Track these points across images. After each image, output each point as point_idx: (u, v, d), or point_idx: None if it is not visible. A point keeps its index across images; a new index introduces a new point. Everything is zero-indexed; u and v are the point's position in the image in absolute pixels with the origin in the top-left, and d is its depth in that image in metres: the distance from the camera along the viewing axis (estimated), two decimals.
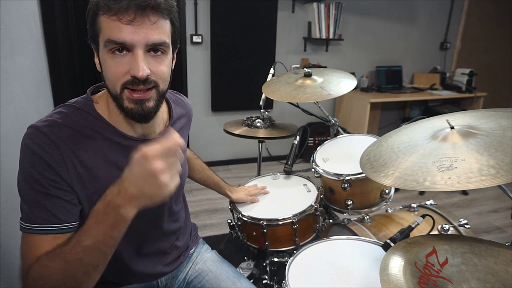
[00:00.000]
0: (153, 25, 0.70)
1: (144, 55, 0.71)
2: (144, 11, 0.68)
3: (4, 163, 1.26)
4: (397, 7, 3.76)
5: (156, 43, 0.71)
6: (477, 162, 0.75)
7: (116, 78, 0.72)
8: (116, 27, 0.68)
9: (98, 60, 0.77)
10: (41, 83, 1.89)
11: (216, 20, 3.13)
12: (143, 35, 0.69)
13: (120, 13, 0.68)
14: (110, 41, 0.69)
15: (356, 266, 1.01)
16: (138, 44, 0.70)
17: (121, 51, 0.70)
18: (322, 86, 1.59)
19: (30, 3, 1.80)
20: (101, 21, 0.70)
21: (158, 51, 0.73)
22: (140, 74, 0.70)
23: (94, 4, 0.71)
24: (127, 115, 0.76)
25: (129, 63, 0.71)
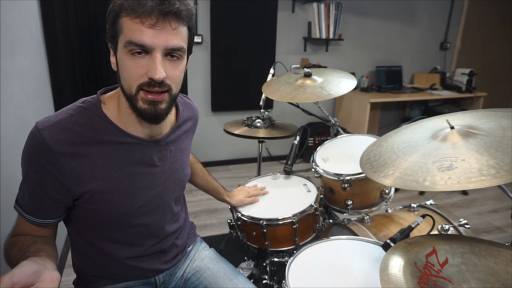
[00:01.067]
0: (174, 31, 0.73)
1: (162, 58, 0.73)
2: (166, 16, 0.71)
3: (4, 163, 1.26)
4: (397, 7, 3.76)
5: (174, 48, 0.74)
6: (477, 162, 0.75)
7: (133, 79, 0.74)
8: (138, 30, 0.71)
9: (115, 59, 0.79)
10: (41, 83, 1.89)
11: (216, 20, 3.13)
12: (163, 40, 0.72)
13: (143, 17, 0.70)
14: (131, 43, 0.71)
15: (356, 266, 1.01)
16: (158, 47, 0.72)
17: (140, 53, 0.73)
18: (322, 86, 1.59)
19: (30, 3, 1.80)
20: (123, 22, 0.72)
21: (175, 56, 0.76)
22: (157, 77, 0.72)
23: (117, 5, 0.72)
24: (140, 115, 0.79)
25: (147, 65, 0.73)
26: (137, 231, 0.94)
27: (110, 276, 0.98)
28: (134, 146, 0.85)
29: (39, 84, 1.84)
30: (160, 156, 0.92)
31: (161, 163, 0.92)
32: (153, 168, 0.90)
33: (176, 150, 0.97)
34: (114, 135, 0.82)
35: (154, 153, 0.90)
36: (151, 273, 1.02)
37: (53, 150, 0.75)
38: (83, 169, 0.78)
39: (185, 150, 1.03)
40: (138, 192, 0.88)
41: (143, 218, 0.93)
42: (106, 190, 0.83)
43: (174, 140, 0.96)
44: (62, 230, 2.09)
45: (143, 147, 0.87)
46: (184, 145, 1.01)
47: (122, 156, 0.84)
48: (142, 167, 0.88)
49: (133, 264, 0.97)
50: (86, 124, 0.79)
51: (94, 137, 0.80)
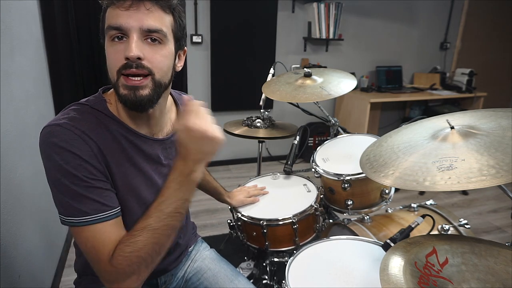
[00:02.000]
0: (148, 11, 0.73)
1: (138, 40, 0.73)
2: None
3: (4, 163, 1.26)
4: (397, 7, 3.76)
5: (151, 29, 0.73)
6: (477, 162, 0.75)
7: (114, 65, 0.74)
8: (115, 14, 0.72)
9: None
10: (41, 83, 1.89)
11: (216, 20, 3.13)
12: (137, 20, 0.72)
13: (119, 2, 0.72)
14: (109, 27, 0.73)
15: (356, 266, 1.01)
16: (133, 28, 0.72)
17: (120, 38, 0.73)
18: (322, 86, 1.59)
19: (30, 3, 1.80)
20: (106, 13, 0.75)
21: (155, 39, 0.75)
22: (131, 54, 0.71)
23: (103, 1, 0.75)
24: (122, 102, 0.77)
25: (125, 48, 0.73)
26: None
27: None
28: (141, 144, 0.85)
29: (39, 84, 1.84)
30: (166, 154, 0.92)
31: (167, 161, 0.93)
32: (159, 167, 0.91)
33: None
34: (124, 132, 0.82)
35: (160, 151, 0.90)
36: (154, 274, 1.01)
37: (84, 139, 0.73)
38: (106, 162, 0.77)
39: None
40: (147, 190, 0.88)
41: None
42: (121, 186, 0.81)
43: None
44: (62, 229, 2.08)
45: (150, 145, 0.87)
46: None
47: (133, 153, 0.83)
48: (151, 164, 0.88)
49: None
50: (96, 121, 0.78)
51: (107, 134, 0.79)
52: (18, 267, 1.33)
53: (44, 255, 1.67)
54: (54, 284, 1.76)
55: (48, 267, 1.73)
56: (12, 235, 1.28)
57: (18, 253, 1.33)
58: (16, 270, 1.30)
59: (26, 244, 1.43)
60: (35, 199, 1.57)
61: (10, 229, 1.26)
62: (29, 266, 1.45)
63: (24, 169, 1.45)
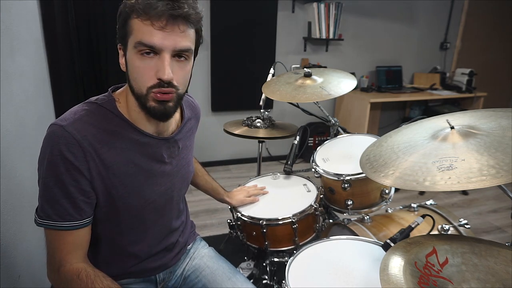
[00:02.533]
0: (182, 33, 0.75)
1: (170, 59, 0.76)
2: (176, 20, 0.73)
3: (4, 163, 1.26)
4: (397, 7, 3.76)
5: (182, 49, 0.77)
6: (477, 162, 0.75)
7: (144, 80, 0.77)
8: (148, 31, 0.73)
9: (125, 60, 0.81)
10: (41, 83, 1.89)
11: (216, 20, 3.13)
12: (172, 41, 0.74)
13: (153, 19, 0.72)
14: (140, 43, 0.74)
15: (356, 266, 1.01)
16: (166, 49, 0.74)
17: (148, 54, 0.75)
18: (322, 86, 1.59)
19: (30, 3, 1.80)
20: (134, 23, 0.75)
21: (182, 56, 0.78)
22: (166, 77, 0.75)
23: (128, 7, 0.75)
24: (149, 113, 0.81)
25: (156, 66, 0.75)
26: (146, 227, 0.95)
27: (114, 272, 0.97)
28: (147, 143, 0.88)
29: (39, 84, 1.84)
30: (169, 153, 0.94)
31: (170, 160, 0.95)
32: (163, 165, 0.93)
33: (183, 147, 0.99)
34: (130, 132, 0.85)
35: (164, 150, 0.92)
36: (153, 271, 1.03)
37: (81, 146, 0.76)
38: (103, 166, 0.80)
39: (190, 148, 1.06)
40: (150, 188, 0.90)
41: (153, 214, 0.94)
42: (123, 186, 0.84)
43: (181, 138, 0.98)
44: None
45: (155, 144, 0.90)
46: (189, 142, 1.04)
47: (137, 152, 0.86)
48: (154, 163, 0.90)
49: (139, 260, 0.98)
50: (104, 121, 0.81)
51: (114, 134, 0.82)
52: (18, 267, 1.33)
53: (44, 255, 1.67)
54: None
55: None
56: (12, 235, 1.28)
57: (18, 253, 1.33)
58: (16, 270, 1.30)
59: (26, 244, 1.43)
60: (35, 199, 1.57)
61: (10, 229, 1.26)
62: (29, 266, 1.45)
63: (24, 169, 1.45)
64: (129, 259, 0.96)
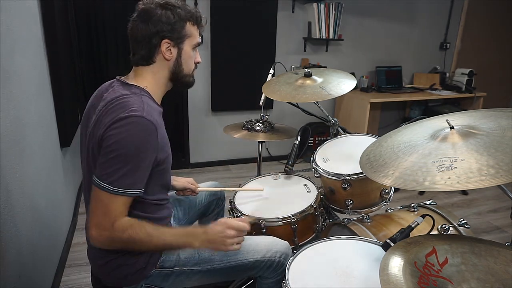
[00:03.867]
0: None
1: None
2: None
3: (4, 163, 1.26)
4: (397, 7, 3.76)
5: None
6: (477, 162, 0.75)
7: (192, 64, 1.12)
8: (197, 35, 1.10)
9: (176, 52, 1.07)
10: (41, 83, 1.89)
11: (216, 20, 3.13)
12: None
13: (200, 26, 1.11)
14: (197, 43, 1.10)
15: (356, 266, 1.01)
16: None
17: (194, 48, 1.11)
18: (322, 86, 1.59)
19: (30, 3, 1.80)
20: (190, 28, 1.07)
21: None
22: (200, 61, 1.16)
23: (188, 13, 1.05)
24: (190, 86, 1.16)
25: (195, 56, 1.13)
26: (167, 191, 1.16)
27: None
28: (160, 113, 1.07)
29: (39, 84, 1.84)
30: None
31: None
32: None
33: None
34: (159, 109, 1.05)
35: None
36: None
37: (156, 129, 0.95)
38: (161, 139, 0.99)
39: None
40: (168, 148, 1.08)
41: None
42: (166, 151, 1.03)
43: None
44: (62, 229, 2.08)
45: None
46: None
47: (163, 122, 1.05)
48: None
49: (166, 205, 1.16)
50: (154, 105, 1.03)
51: (159, 113, 1.03)
52: (18, 267, 1.33)
53: (44, 255, 1.67)
54: (54, 284, 1.76)
55: (48, 267, 1.73)
56: (12, 235, 1.28)
57: (18, 253, 1.33)
58: (16, 270, 1.31)
59: (26, 244, 1.43)
60: (36, 199, 1.57)
61: (10, 229, 1.26)
62: (29, 266, 1.45)
63: (24, 169, 1.46)
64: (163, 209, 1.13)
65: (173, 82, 1.12)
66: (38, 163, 1.64)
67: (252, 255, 1.13)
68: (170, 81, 1.11)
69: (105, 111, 0.97)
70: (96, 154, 0.96)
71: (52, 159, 1.93)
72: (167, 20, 1.01)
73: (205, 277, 1.13)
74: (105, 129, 0.93)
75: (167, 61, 1.06)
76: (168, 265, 1.08)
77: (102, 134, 0.93)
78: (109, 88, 1.06)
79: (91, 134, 0.99)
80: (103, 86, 1.11)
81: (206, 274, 1.11)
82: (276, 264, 1.14)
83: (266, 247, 1.14)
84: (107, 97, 1.01)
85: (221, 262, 1.11)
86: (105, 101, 1.00)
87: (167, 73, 1.09)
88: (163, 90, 1.11)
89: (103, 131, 0.93)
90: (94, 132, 0.97)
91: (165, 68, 1.08)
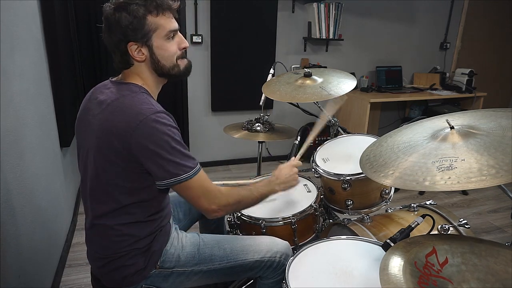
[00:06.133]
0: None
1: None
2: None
3: (4, 163, 1.26)
4: (397, 7, 3.76)
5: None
6: (477, 162, 0.75)
7: (173, 54, 1.05)
8: (169, 22, 1.01)
9: (148, 50, 1.02)
10: (41, 83, 1.89)
11: (216, 20, 3.13)
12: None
13: (165, 12, 1.01)
14: (170, 31, 1.02)
15: (356, 266, 1.01)
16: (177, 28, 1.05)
17: (173, 37, 1.04)
18: (322, 86, 1.59)
19: (30, 3, 1.80)
20: (153, 20, 0.98)
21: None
22: (188, 45, 1.09)
23: (143, 6, 0.97)
24: (183, 75, 1.10)
25: (179, 42, 1.06)
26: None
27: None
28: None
29: (39, 84, 1.84)
30: None
31: None
32: None
33: None
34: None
35: None
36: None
37: (172, 118, 1.00)
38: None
39: None
40: None
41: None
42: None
43: None
44: (62, 229, 2.08)
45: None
46: None
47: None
48: None
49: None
50: (153, 101, 1.01)
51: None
52: (18, 267, 1.33)
53: (44, 255, 1.67)
54: (54, 284, 1.76)
55: (48, 267, 1.73)
56: (12, 235, 1.28)
57: (18, 253, 1.33)
58: (16, 270, 1.31)
59: (26, 244, 1.43)
60: (35, 199, 1.57)
61: (10, 229, 1.26)
62: (29, 266, 1.45)
63: (24, 169, 1.45)
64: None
65: (163, 77, 1.08)
66: (38, 163, 1.64)
67: (252, 256, 1.13)
68: (160, 77, 1.07)
69: (111, 115, 0.95)
70: (114, 161, 0.95)
71: (52, 159, 1.93)
72: (125, 23, 0.95)
73: (205, 277, 1.12)
74: (130, 137, 0.91)
75: (142, 62, 1.02)
76: (168, 266, 1.08)
77: (128, 143, 0.92)
78: (104, 90, 1.04)
79: (100, 139, 0.96)
80: (96, 88, 1.09)
81: (206, 274, 1.11)
82: (276, 264, 1.14)
83: (266, 247, 1.14)
84: (106, 99, 0.99)
85: (221, 263, 1.11)
86: (104, 103, 0.98)
87: (151, 71, 1.05)
88: (156, 86, 1.09)
89: (128, 139, 0.92)
90: (103, 138, 0.95)
91: (145, 68, 1.04)
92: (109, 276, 1.06)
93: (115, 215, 1.00)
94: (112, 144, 0.93)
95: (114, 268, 1.04)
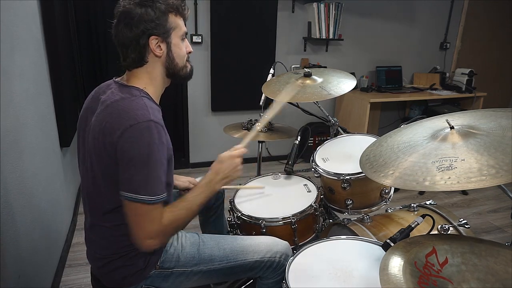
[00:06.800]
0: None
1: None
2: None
3: (4, 163, 1.26)
4: (397, 7, 3.76)
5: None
6: (477, 162, 0.75)
7: (184, 55, 1.11)
8: (182, 24, 1.07)
9: (167, 46, 1.05)
10: (41, 83, 1.89)
11: (216, 20, 3.13)
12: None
13: (184, 13, 1.09)
14: (184, 33, 1.08)
15: (356, 266, 1.01)
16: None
17: (183, 39, 1.09)
18: (322, 86, 1.59)
19: (30, 3, 1.80)
20: (173, 19, 1.03)
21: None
22: (192, 50, 1.15)
23: (167, 5, 1.02)
24: (188, 76, 1.14)
25: (186, 45, 1.11)
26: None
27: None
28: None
29: (39, 84, 1.84)
30: None
31: None
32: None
33: None
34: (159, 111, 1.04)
35: None
36: None
37: (164, 131, 0.98)
38: (166, 139, 0.99)
39: None
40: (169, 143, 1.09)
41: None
42: (172, 152, 1.04)
43: None
44: (62, 229, 2.08)
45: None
46: None
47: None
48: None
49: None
50: (156, 106, 1.02)
51: (161, 113, 1.02)
52: (18, 267, 1.33)
53: (44, 255, 1.67)
54: (54, 284, 1.75)
55: (48, 267, 1.73)
56: (12, 235, 1.28)
57: (18, 253, 1.33)
58: (16, 270, 1.31)
59: (26, 244, 1.43)
60: (35, 199, 1.57)
61: (10, 229, 1.26)
62: (29, 266, 1.45)
63: (24, 169, 1.45)
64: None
65: (170, 78, 1.10)
66: (38, 163, 1.64)
67: (252, 256, 1.13)
68: (167, 77, 1.10)
69: (108, 116, 0.95)
70: (107, 162, 0.94)
71: (52, 159, 1.93)
72: (149, 17, 0.98)
73: (204, 277, 1.12)
74: (117, 139, 0.91)
75: (159, 58, 1.04)
76: (168, 266, 1.08)
77: (114, 144, 0.92)
78: (106, 90, 1.05)
79: (96, 140, 0.96)
80: (100, 87, 1.09)
81: (205, 274, 1.11)
82: (276, 264, 1.14)
83: (266, 248, 1.14)
84: (106, 100, 1.00)
85: (221, 263, 1.11)
86: (104, 104, 0.99)
87: (162, 69, 1.07)
88: (161, 88, 1.10)
89: (115, 140, 0.91)
90: (99, 139, 0.95)
91: (159, 66, 1.06)
92: (109, 276, 1.06)
93: (114, 215, 1.00)
94: (105, 145, 0.93)
95: (114, 268, 1.04)
